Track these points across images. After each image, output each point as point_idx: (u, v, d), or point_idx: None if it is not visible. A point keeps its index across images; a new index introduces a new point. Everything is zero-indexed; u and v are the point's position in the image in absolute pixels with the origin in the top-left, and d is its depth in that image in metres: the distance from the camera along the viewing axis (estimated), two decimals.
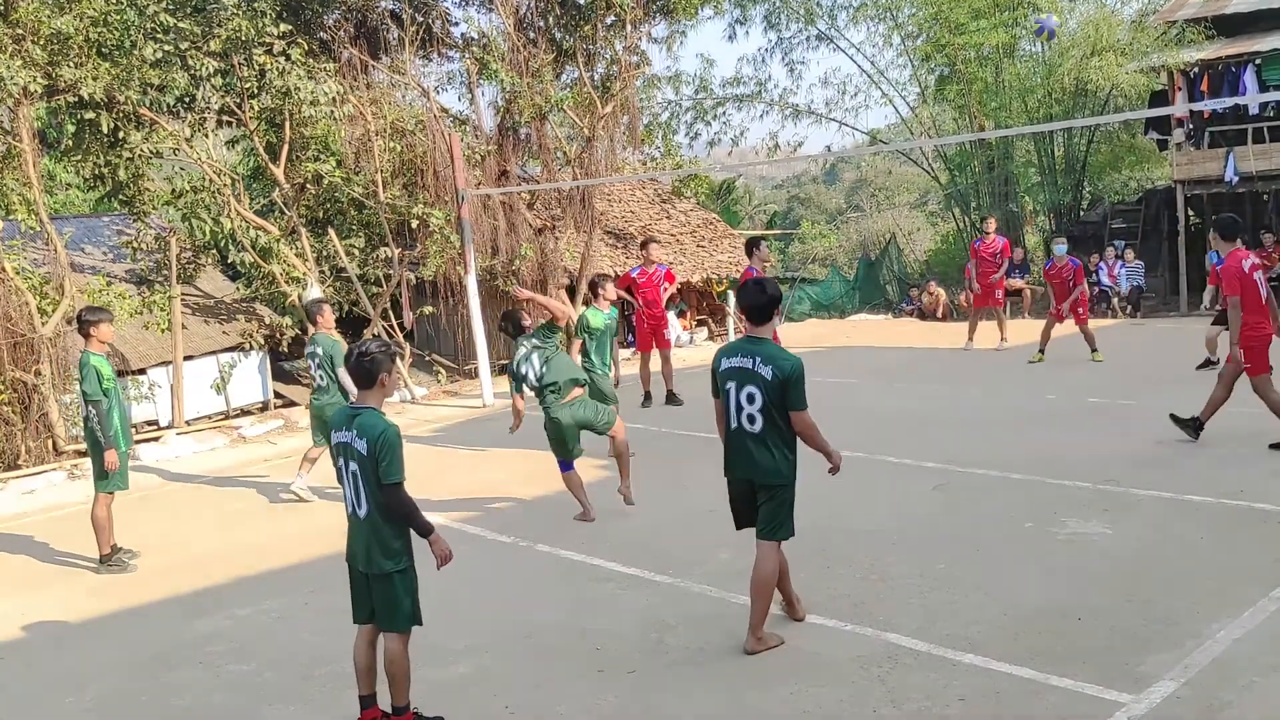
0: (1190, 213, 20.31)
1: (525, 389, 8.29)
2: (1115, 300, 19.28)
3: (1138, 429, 9.84)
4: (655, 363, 12.88)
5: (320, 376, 9.49)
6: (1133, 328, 17.43)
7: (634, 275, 13.06)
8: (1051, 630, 5.48)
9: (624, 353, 16.39)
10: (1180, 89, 18.81)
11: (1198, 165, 18.99)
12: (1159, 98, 20.27)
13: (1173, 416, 9.28)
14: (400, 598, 4.93)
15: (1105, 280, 19.28)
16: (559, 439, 8.04)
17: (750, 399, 5.38)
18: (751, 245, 11.55)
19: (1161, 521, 7.11)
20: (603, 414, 8.20)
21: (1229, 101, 17.06)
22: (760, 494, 5.51)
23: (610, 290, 10.18)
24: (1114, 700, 4.67)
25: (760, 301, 5.52)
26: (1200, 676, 4.82)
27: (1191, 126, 19.32)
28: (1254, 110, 18.77)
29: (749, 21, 25.63)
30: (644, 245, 13.26)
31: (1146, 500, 7.58)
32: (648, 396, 12.88)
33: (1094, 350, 13.98)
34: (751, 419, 5.39)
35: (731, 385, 5.45)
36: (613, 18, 18.19)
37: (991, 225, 16.18)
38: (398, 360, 5.08)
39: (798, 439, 5.45)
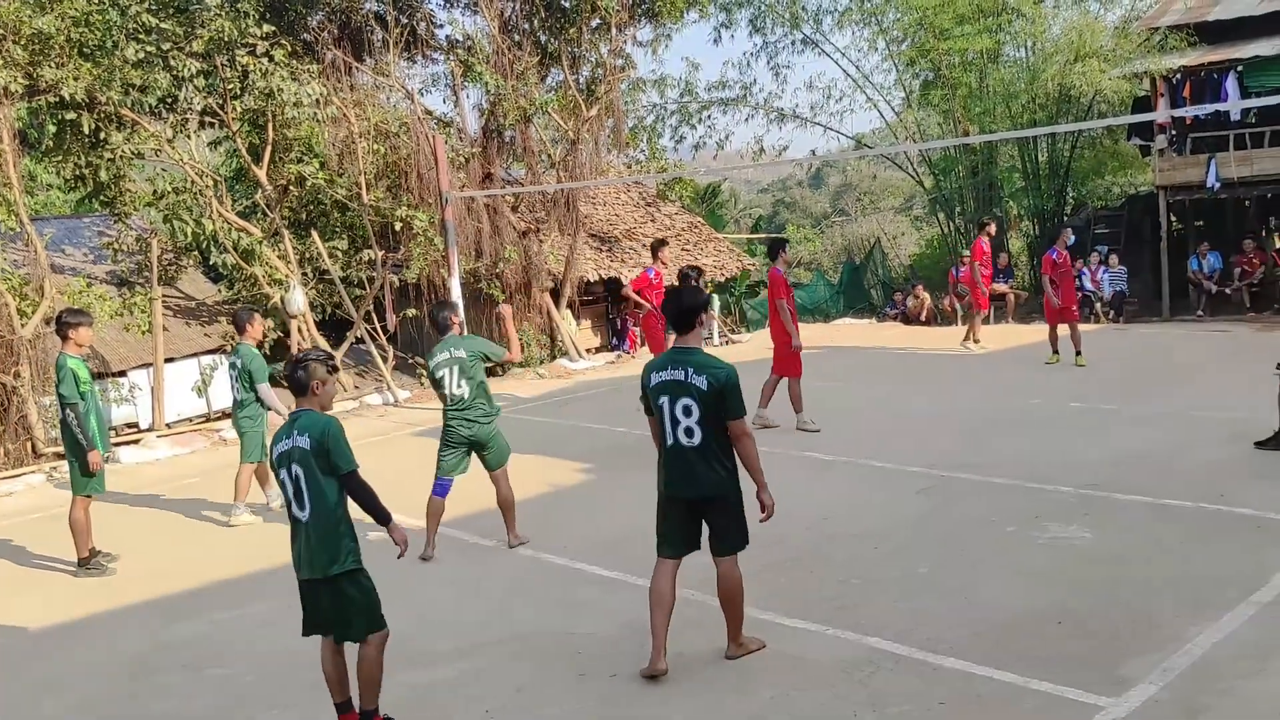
0: (1173, 218, 20.41)
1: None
2: (1098, 305, 19.36)
3: (1119, 433, 9.88)
4: None
5: (238, 390, 9.29)
6: (1115, 333, 17.51)
7: (651, 277, 12.94)
8: (1032, 634, 5.49)
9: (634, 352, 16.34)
10: (1163, 95, 18.91)
11: (1180, 171, 19.09)
12: (1142, 104, 20.37)
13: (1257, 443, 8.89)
14: (354, 601, 4.81)
15: (1089, 285, 19.37)
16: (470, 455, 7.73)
17: (687, 411, 5.18)
18: (776, 247, 11.30)
19: (1142, 526, 7.14)
20: (504, 451, 7.77)
21: (1211, 108, 17.16)
22: (708, 511, 5.32)
23: (696, 284, 9.72)
24: (1094, 704, 4.67)
25: (681, 310, 5.33)
26: (1179, 680, 4.83)
27: (1174, 133, 19.42)
28: (1235, 117, 18.88)
29: (734, 25, 25.65)
30: (657, 248, 13.12)
31: (1127, 505, 7.61)
32: None
33: (1055, 353, 13.98)
34: (690, 432, 5.19)
35: (665, 400, 5.24)
36: (598, 21, 18.21)
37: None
38: (335, 372, 4.97)
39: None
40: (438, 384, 7.58)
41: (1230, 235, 20.39)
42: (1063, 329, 13.98)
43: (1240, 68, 18.30)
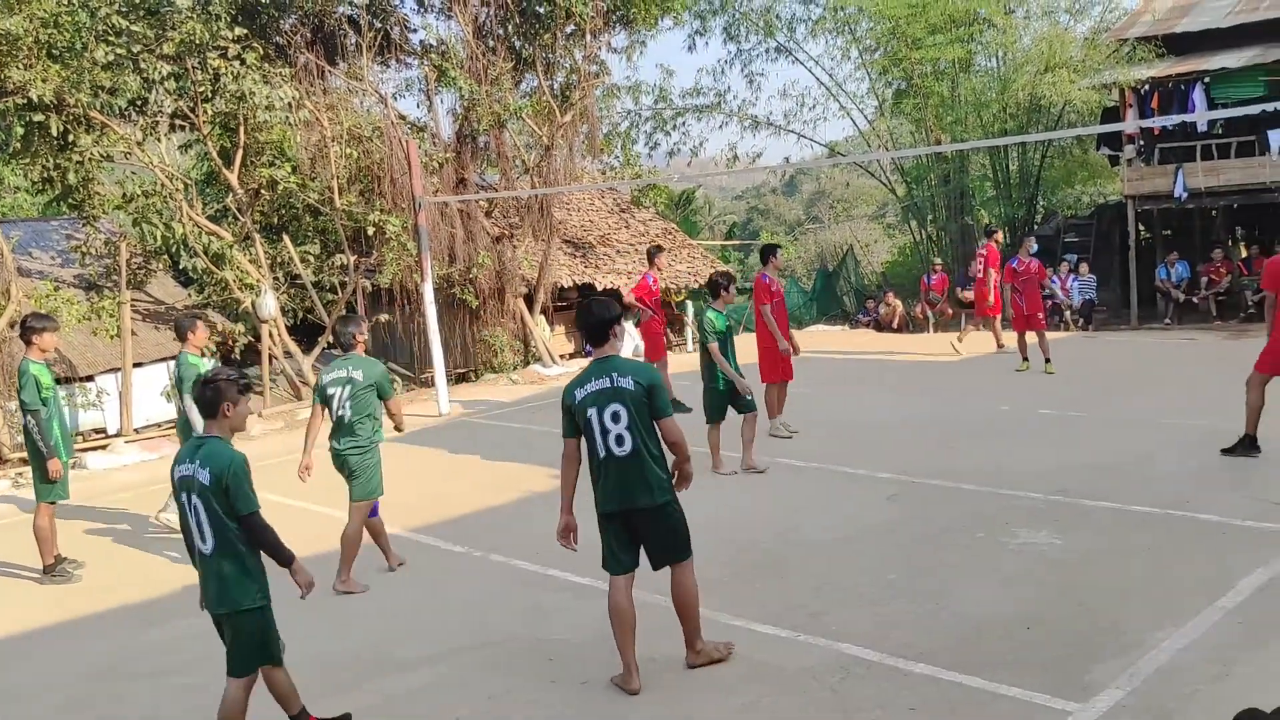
0: (1141, 227, 20.64)
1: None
2: (1068, 313, 19.54)
3: (1088, 440, 9.96)
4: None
5: (175, 398, 9.07)
6: (1085, 340, 17.68)
7: (650, 283, 12.91)
8: (1002, 639, 5.52)
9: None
10: (1131, 106, 19.14)
11: (1148, 181, 19.31)
12: (1110, 114, 20.60)
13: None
14: (253, 637, 4.63)
15: (1058, 293, 19.54)
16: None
17: (615, 418, 5.04)
18: (767, 253, 11.30)
19: (1110, 532, 7.20)
20: (370, 486, 7.27)
21: (1178, 119, 17.38)
22: (647, 522, 5.15)
23: (733, 291, 9.56)
24: (1062, 709, 4.71)
25: (592, 323, 5.20)
26: (1146, 685, 4.87)
27: (1142, 143, 19.64)
28: (1202, 128, 19.13)
29: (709, 33, 25.75)
30: (654, 254, 13.16)
31: (1095, 510, 7.67)
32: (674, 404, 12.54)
33: (1025, 360, 14.09)
34: (620, 439, 5.04)
35: (594, 411, 5.07)
36: (572, 27, 18.22)
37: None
38: (248, 393, 4.78)
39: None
40: (326, 400, 7.17)
41: (1197, 245, 20.65)
42: (1031, 336, 14.10)
43: (1207, 79, 18.54)
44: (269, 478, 11.20)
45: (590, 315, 5.23)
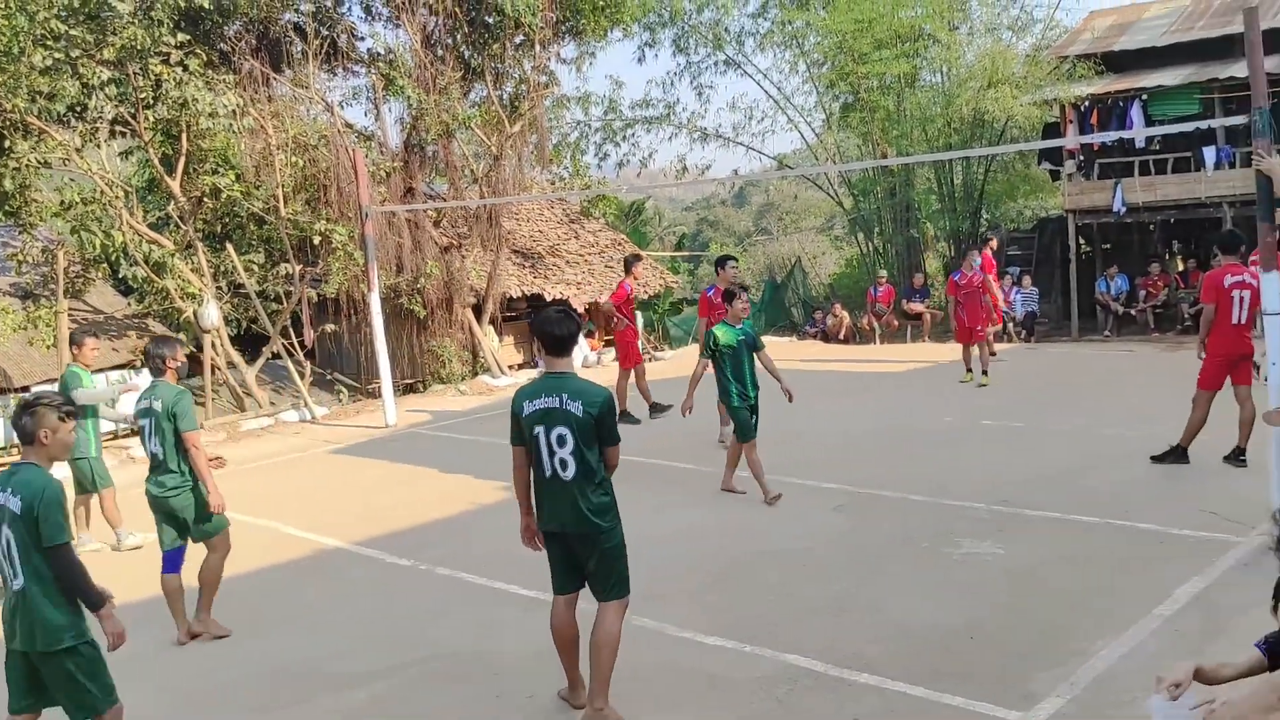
0: (1081, 241, 21.01)
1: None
2: (1010, 325, 19.83)
3: (1030, 451, 10.11)
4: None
5: None
6: (1027, 352, 17.95)
7: (628, 291, 13.10)
8: (945, 649, 5.58)
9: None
10: (1071, 122, 19.49)
11: (1088, 196, 19.67)
12: (1052, 130, 20.96)
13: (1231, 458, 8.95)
14: (78, 681, 4.36)
15: (1001, 305, 19.83)
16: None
17: (561, 441, 4.89)
18: (718, 264, 11.35)
19: (1051, 541, 7.31)
20: (210, 525, 6.58)
21: (1117, 135, 17.74)
22: (584, 549, 5.00)
23: (736, 305, 9.07)
24: (1004, 717, 4.77)
25: (558, 333, 5.06)
26: (1085, 693, 4.95)
27: (1082, 158, 20.02)
28: (1140, 144, 19.54)
29: (658, 45, 25.81)
30: (631, 264, 13.28)
31: (1037, 520, 7.79)
32: (654, 407, 12.67)
33: (969, 371, 14.27)
34: (564, 463, 4.91)
35: (540, 430, 4.93)
36: (521, 37, 18.18)
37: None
38: (70, 419, 4.48)
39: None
40: (140, 433, 6.62)
41: (1135, 258, 21.08)
42: (975, 348, 14.30)
43: (1144, 96, 18.95)
44: None
45: (556, 326, 5.06)
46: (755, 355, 9.08)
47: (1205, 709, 2.28)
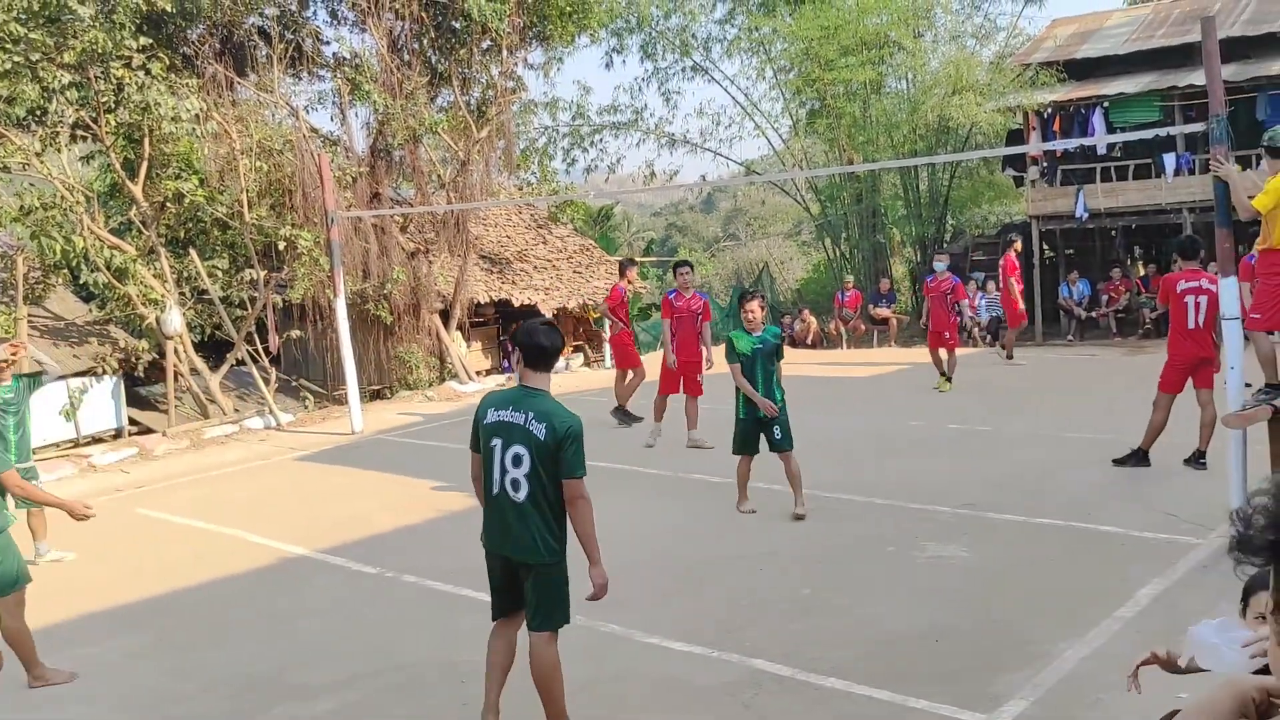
0: (1045, 246, 21.25)
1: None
2: (975, 330, 20.00)
3: (995, 454, 10.20)
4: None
5: None
6: (992, 357, 18.10)
7: (622, 294, 13.25)
8: (911, 652, 5.61)
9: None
10: (1035, 129, 19.72)
11: (1051, 202, 19.91)
12: (1015, 136, 21.20)
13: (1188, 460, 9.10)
14: None
15: (966, 311, 20.01)
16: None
17: (516, 461, 4.60)
18: (674, 269, 11.96)
19: (1016, 544, 7.37)
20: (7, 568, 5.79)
21: (1079, 142, 17.97)
22: (523, 574, 4.71)
23: (751, 306, 8.76)
24: None
25: (543, 344, 4.77)
26: (1049, 695, 4.99)
27: (1045, 165, 20.25)
28: (1102, 150, 19.81)
29: (626, 51, 25.90)
30: (626, 267, 13.59)
31: (1002, 524, 7.85)
32: (624, 413, 12.98)
33: (944, 377, 14.36)
34: (516, 484, 4.61)
35: (498, 443, 4.66)
36: (488, 42, 18.15)
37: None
38: None
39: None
40: None
41: (1098, 263, 21.34)
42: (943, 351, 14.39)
43: (1106, 104, 19.21)
44: (172, 497, 10.93)
45: (541, 337, 4.77)
46: (777, 365, 8.54)
47: (1258, 646, 1.99)
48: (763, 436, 8.49)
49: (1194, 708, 1.40)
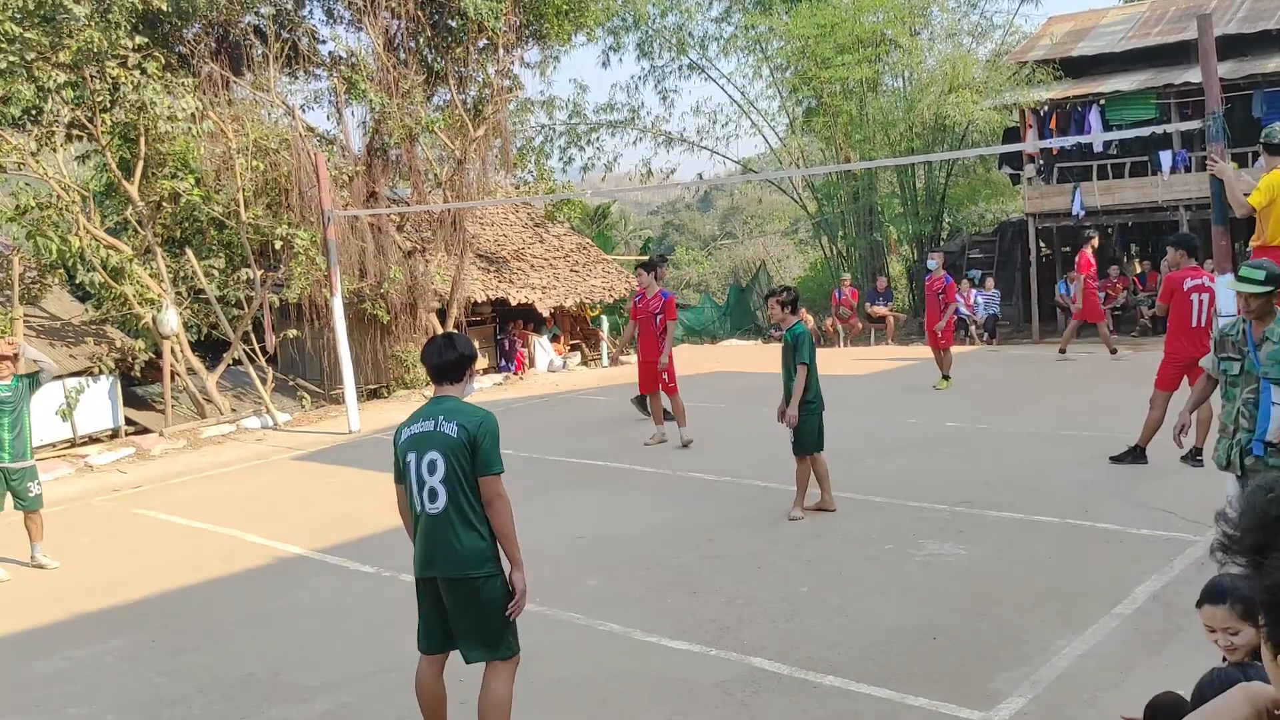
0: (1041, 244, 21.27)
1: None
2: (972, 328, 20.02)
3: (992, 452, 10.19)
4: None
5: None
6: (989, 354, 18.12)
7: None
8: (909, 650, 5.60)
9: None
10: (1031, 126, 19.74)
11: (1047, 199, 19.93)
12: (1011, 134, 21.23)
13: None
14: None
15: (963, 308, 20.03)
16: None
17: (431, 468, 4.34)
18: (648, 265, 11.81)
19: (1013, 542, 7.37)
20: None
21: (1075, 139, 17.98)
22: (455, 597, 4.37)
23: (772, 304, 8.46)
24: (966, 718, 4.79)
25: (435, 362, 4.57)
26: (1046, 692, 4.99)
27: (1041, 162, 20.28)
28: (1098, 148, 19.83)
29: (622, 49, 25.95)
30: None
31: (999, 522, 7.85)
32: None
33: (945, 377, 14.35)
34: (434, 494, 4.34)
35: (412, 457, 4.41)
36: (485, 41, 18.14)
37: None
38: None
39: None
40: None
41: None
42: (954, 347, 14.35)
43: (1102, 101, 19.23)
44: (169, 497, 10.92)
45: (434, 355, 4.57)
46: (794, 364, 8.17)
47: None
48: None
49: (1210, 713, 1.40)
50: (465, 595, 4.36)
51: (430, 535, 4.38)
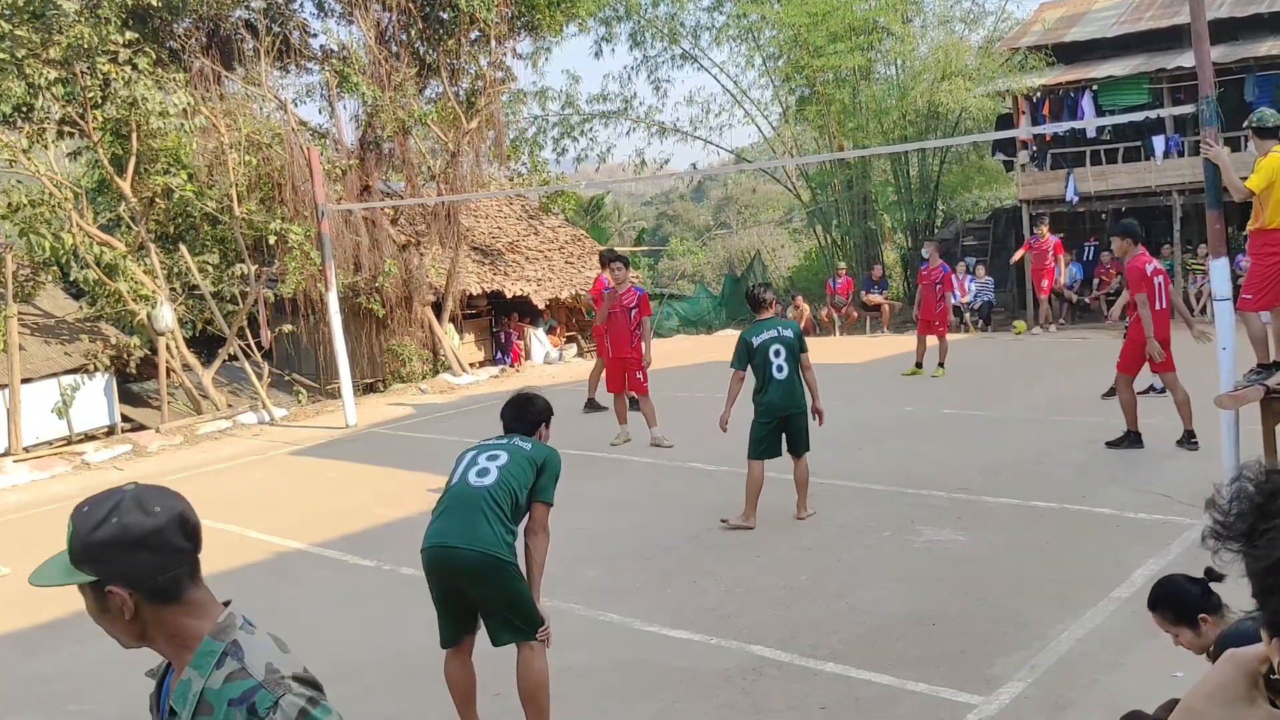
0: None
1: None
2: (967, 315, 20.04)
3: (989, 438, 10.22)
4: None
5: None
6: (983, 340, 18.15)
7: (605, 286, 13.05)
8: (908, 637, 5.63)
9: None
10: (1024, 113, 19.71)
11: (1041, 186, 19.92)
12: (1005, 121, 21.19)
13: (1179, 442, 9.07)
14: None
15: (957, 295, 20.03)
16: None
17: (493, 459, 4.63)
18: (625, 261, 11.73)
19: (1011, 528, 7.39)
20: None
21: (1068, 125, 17.97)
22: (474, 577, 4.41)
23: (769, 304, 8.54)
24: (966, 702, 4.81)
25: (530, 416, 4.91)
26: (1046, 676, 5.01)
27: (1035, 149, 20.25)
28: (1091, 134, 19.81)
29: (614, 39, 25.81)
30: (606, 261, 13.38)
31: (997, 508, 7.87)
32: (591, 403, 13.09)
33: (940, 365, 14.36)
34: (484, 472, 4.56)
35: (474, 453, 4.76)
36: (477, 33, 18.10)
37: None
38: None
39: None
40: None
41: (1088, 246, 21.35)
42: (933, 339, 14.39)
43: (1095, 87, 19.20)
44: None
45: (531, 408, 4.90)
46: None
47: None
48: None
49: (1202, 693, 1.37)
50: (484, 573, 4.36)
51: (457, 506, 4.47)
